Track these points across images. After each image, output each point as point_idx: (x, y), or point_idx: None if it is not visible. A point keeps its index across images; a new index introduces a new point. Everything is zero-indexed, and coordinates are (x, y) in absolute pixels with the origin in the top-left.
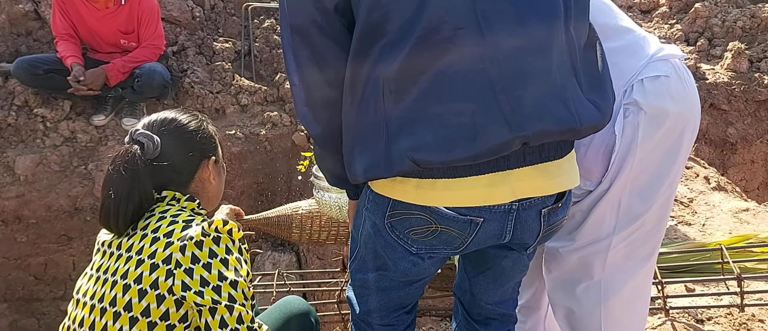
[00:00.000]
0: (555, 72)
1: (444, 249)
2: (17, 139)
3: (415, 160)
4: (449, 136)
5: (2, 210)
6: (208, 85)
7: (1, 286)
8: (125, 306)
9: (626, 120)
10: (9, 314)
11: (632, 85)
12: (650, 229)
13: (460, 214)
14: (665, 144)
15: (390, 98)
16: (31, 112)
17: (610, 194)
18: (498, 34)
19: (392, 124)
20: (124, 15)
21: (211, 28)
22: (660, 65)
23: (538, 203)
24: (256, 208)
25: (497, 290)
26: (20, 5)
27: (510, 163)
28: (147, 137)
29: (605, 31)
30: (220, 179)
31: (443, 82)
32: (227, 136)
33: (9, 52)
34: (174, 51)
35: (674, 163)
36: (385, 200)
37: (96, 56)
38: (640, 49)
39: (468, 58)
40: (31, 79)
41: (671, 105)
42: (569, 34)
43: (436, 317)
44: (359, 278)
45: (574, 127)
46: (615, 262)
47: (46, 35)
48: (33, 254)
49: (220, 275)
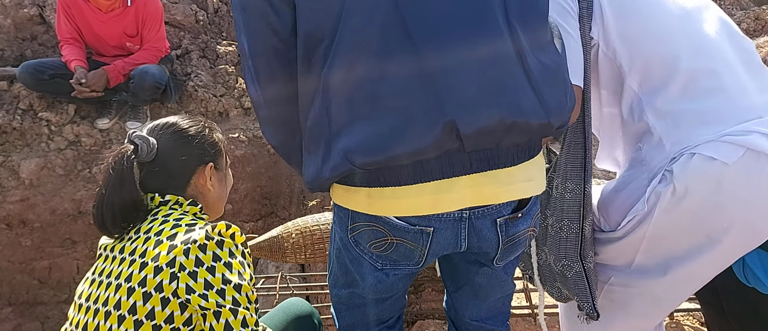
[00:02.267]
0: (492, 64)
1: (406, 264)
2: (22, 143)
3: (348, 157)
4: (381, 133)
5: (7, 214)
6: (211, 88)
7: (6, 290)
8: (129, 309)
9: (658, 185)
10: (13, 317)
11: (683, 154)
12: (658, 296)
13: (410, 224)
14: (693, 234)
15: (332, 103)
16: (35, 116)
17: (626, 241)
18: (426, 26)
19: (333, 127)
20: (130, 17)
21: (215, 31)
22: (726, 148)
23: (492, 211)
24: (258, 211)
25: (479, 305)
26: (25, 9)
27: (455, 169)
28: (142, 139)
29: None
30: (222, 186)
31: (375, 82)
32: (231, 140)
33: (14, 56)
34: (178, 55)
35: (701, 255)
36: (347, 212)
37: (101, 60)
38: (726, 115)
39: (396, 56)
40: (36, 84)
41: (712, 197)
42: (511, 23)
43: (439, 320)
44: (335, 293)
45: (507, 114)
46: (608, 298)
47: (51, 39)
48: (37, 258)
49: (224, 278)
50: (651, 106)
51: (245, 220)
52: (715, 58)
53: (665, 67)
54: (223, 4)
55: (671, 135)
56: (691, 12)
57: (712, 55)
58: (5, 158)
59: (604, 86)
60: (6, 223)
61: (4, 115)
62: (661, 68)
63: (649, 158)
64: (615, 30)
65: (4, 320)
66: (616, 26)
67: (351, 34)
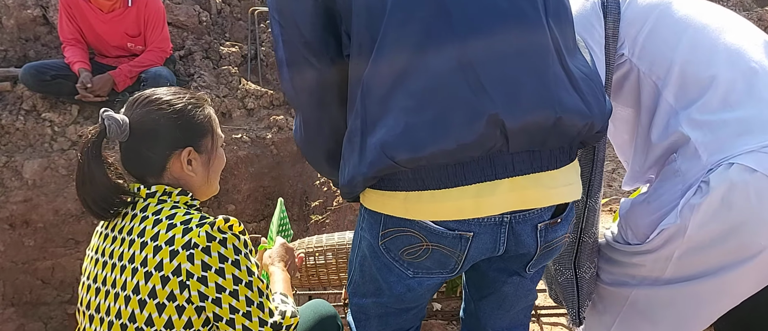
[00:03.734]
0: (535, 59)
1: (439, 272)
2: (25, 144)
3: (386, 152)
4: (421, 125)
5: (10, 214)
6: (214, 89)
7: (9, 290)
8: (146, 322)
9: (693, 197)
10: (16, 318)
11: (720, 164)
12: (685, 311)
13: (448, 229)
14: (728, 248)
15: (370, 97)
16: (39, 116)
17: (655, 255)
18: (469, 20)
19: (369, 119)
20: (131, 18)
21: (218, 32)
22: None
23: (534, 216)
24: (261, 212)
25: (504, 315)
26: (28, 10)
27: (498, 171)
28: (110, 119)
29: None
30: (208, 169)
31: (415, 75)
32: (234, 140)
33: (17, 57)
34: (181, 55)
35: (733, 271)
36: (378, 216)
37: (103, 61)
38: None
39: (438, 49)
40: (39, 85)
41: (751, 210)
42: (550, 25)
43: (443, 321)
44: (356, 302)
45: (551, 111)
46: (635, 309)
47: (54, 40)
48: (40, 258)
49: (235, 278)
50: (687, 117)
51: (248, 220)
52: (754, 68)
53: (702, 77)
54: (226, 5)
55: (709, 145)
56: (724, 23)
57: (751, 64)
58: (8, 159)
59: (641, 105)
60: (9, 223)
61: (7, 115)
62: (697, 79)
63: (684, 169)
64: (647, 44)
65: (8, 320)
66: (648, 41)
67: (395, 30)
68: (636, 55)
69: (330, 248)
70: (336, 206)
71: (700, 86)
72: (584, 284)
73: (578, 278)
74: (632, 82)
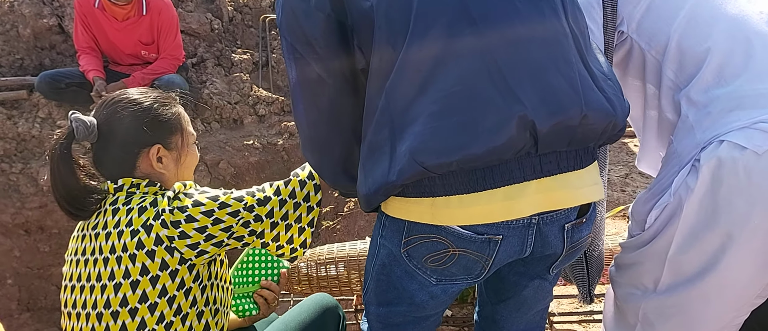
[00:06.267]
0: (559, 59)
1: (464, 278)
2: (41, 151)
3: (417, 158)
4: (448, 132)
5: (26, 220)
6: (226, 95)
7: (24, 295)
8: (120, 303)
9: (687, 177)
10: (31, 323)
11: (711, 142)
12: (695, 314)
13: (476, 233)
14: (718, 231)
15: (392, 108)
16: (54, 124)
17: (652, 247)
18: (493, 24)
19: (396, 131)
20: (145, 26)
21: (230, 39)
22: (759, 136)
23: (561, 217)
24: None
25: (522, 318)
26: (44, 19)
27: (526, 174)
28: (78, 121)
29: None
30: (179, 165)
31: (440, 80)
32: (245, 147)
33: (33, 65)
34: (193, 63)
35: (725, 256)
36: (401, 224)
37: (117, 69)
38: (763, 99)
39: (464, 51)
40: (54, 93)
41: (739, 190)
42: (570, 26)
43: (455, 327)
44: (372, 311)
45: (579, 109)
46: (649, 323)
47: (70, 49)
48: (55, 264)
49: (209, 213)
50: (686, 95)
51: None
52: (753, 38)
53: (697, 51)
54: (237, 12)
55: (702, 122)
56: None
57: (750, 34)
58: (24, 165)
59: (646, 80)
60: (24, 229)
61: (23, 123)
62: (693, 53)
63: (680, 149)
64: (644, 20)
65: (23, 325)
66: (646, 17)
67: (419, 39)
68: (635, 31)
69: (342, 258)
70: (347, 212)
71: (696, 61)
72: (593, 262)
73: (587, 257)
74: (636, 59)
